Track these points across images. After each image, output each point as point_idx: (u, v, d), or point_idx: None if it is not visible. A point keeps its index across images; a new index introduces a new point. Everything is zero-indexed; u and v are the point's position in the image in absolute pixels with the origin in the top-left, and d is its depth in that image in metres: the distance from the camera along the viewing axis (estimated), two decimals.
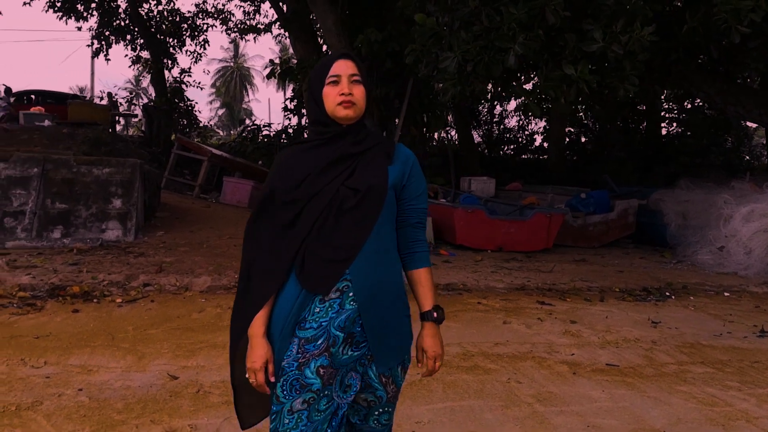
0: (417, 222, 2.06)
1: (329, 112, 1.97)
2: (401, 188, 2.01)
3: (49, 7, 19.82)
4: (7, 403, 3.59)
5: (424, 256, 2.06)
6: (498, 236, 10.08)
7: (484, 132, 24.89)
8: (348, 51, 2.15)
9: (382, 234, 1.94)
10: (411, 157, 2.07)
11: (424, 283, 2.04)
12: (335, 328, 1.87)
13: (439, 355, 2.03)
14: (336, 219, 1.89)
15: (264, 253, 1.93)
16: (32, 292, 5.95)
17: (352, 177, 1.93)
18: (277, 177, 1.99)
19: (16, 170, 8.57)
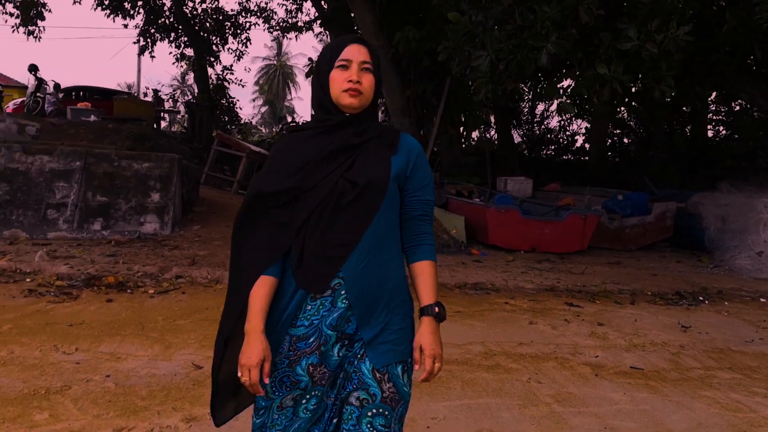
0: (421, 214, 1.92)
1: (333, 97, 1.87)
2: (404, 179, 1.89)
3: (98, 5, 20.33)
4: (38, 386, 3.73)
5: (428, 249, 1.92)
6: (531, 237, 10.02)
7: (525, 132, 24.70)
8: (362, 36, 2.05)
9: (381, 229, 1.82)
10: (416, 147, 1.95)
11: (425, 276, 1.89)
12: (327, 327, 1.79)
13: (438, 355, 1.84)
14: (333, 214, 1.79)
15: (254, 248, 1.83)
16: (69, 281, 6.15)
17: (352, 169, 1.83)
18: (267, 173, 1.89)
19: (59, 163, 8.85)
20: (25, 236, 8.11)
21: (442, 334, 1.90)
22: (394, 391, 1.81)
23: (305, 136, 1.92)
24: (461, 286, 7.05)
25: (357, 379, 1.81)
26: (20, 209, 8.43)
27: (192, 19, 21.70)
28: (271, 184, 1.85)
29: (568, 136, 24.64)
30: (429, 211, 1.95)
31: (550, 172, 19.06)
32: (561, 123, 24.49)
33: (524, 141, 24.44)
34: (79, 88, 21.53)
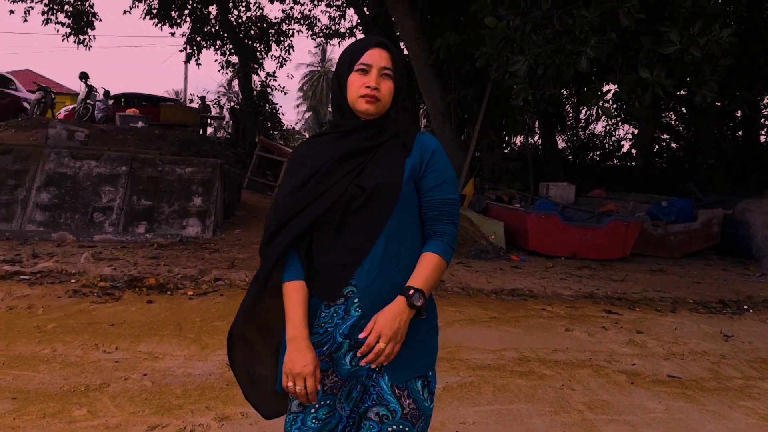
0: (437, 214, 1.81)
1: (350, 102, 1.82)
2: (419, 179, 1.82)
3: (146, 15, 20.86)
4: (78, 383, 3.85)
5: (437, 244, 1.78)
6: (572, 243, 9.90)
7: (569, 137, 24.42)
8: (385, 40, 1.89)
9: (395, 234, 1.76)
10: (431, 145, 1.85)
11: (422, 264, 1.74)
12: (340, 335, 1.73)
13: (387, 336, 1.66)
14: (342, 220, 1.74)
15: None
16: (112, 282, 6.31)
17: (362, 174, 1.78)
18: (286, 180, 1.87)
19: (106, 168, 9.11)
20: (72, 238, 8.36)
21: (477, 339, 1.89)
22: (414, 407, 1.75)
23: (322, 142, 1.88)
24: (498, 292, 7.01)
25: (375, 394, 1.75)
26: (68, 212, 8.70)
27: (237, 27, 22.06)
28: (286, 189, 1.83)
29: (614, 141, 24.27)
30: (447, 211, 1.82)
31: (595, 178, 18.81)
32: (607, 128, 24.15)
33: (569, 146, 24.15)
34: (127, 95, 22.08)
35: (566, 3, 6.76)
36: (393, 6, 13.65)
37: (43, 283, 6.20)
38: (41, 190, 8.80)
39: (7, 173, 8.82)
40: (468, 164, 13.57)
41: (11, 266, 6.58)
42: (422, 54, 13.47)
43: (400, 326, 1.68)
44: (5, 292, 5.78)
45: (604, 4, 6.39)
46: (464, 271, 8.08)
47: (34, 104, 17.62)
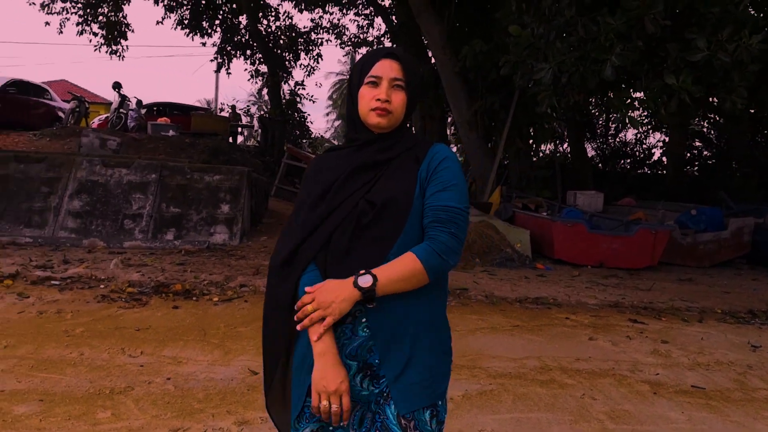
0: (432, 221, 1.67)
1: (361, 115, 1.77)
2: (425, 189, 1.72)
3: (178, 25, 21.22)
4: (103, 386, 3.93)
5: (421, 246, 1.65)
6: (599, 252, 9.82)
7: (599, 145, 24.22)
8: (395, 49, 1.83)
9: (406, 248, 1.66)
10: (440, 153, 1.76)
11: (396, 259, 1.63)
12: (346, 356, 1.65)
13: (318, 302, 1.60)
14: (353, 236, 1.67)
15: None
16: (140, 288, 6.42)
17: (373, 189, 1.71)
18: (300, 195, 1.83)
19: (136, 176, 9.27)
20: (102, 245, 8.52)
21: (499, 347, 1.82)
22: None
23: (337, 156, 1.84)
24: (522, 300, 6.98)
25: (380, 423, 1.66)
26: (99, 219, 8.87)
27: (266, 37, 22.33)
28: (300, 204, 1.79)
29: (645, 149, 24.01)
30: (443, 217, 1.67)
31: (625, 187, 18.63)
32: (637, 136, 23.92)
33: (598, 154, 23.95)
34: (159, 104, 22.47)
35: (591, 10, 6.74)
36: (420, 14, 13.72)
37: (73, 288, 6.33)
38: (73, 198, 8.99)
39: (41, 181, 9.03)
40: (495, 172, 13.55)
41: (43, 272, 6.74)
42: (449, 62, 13.51)
43: (335, 300, 1.59)
44: (36, 297, 5.92)
45: (630, 12, 6.36)
46: (488, 279, 8.06)
47: (69, 113, 18.02)
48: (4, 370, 4.11)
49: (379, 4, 19.91)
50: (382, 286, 1.59)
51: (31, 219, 8.71)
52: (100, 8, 20.32)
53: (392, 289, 1.61)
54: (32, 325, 5.13)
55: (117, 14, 20.71)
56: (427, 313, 1.70)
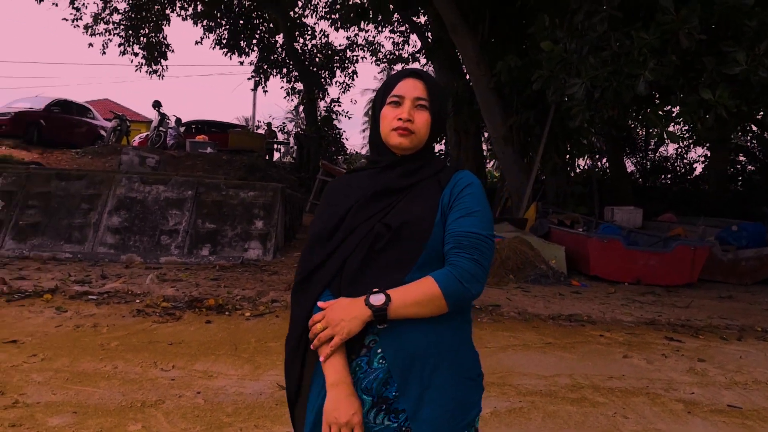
0: (452, 247, 1.58)
1: (383, 136, 1.71)
2: (447, 215, 1.64)
3: (216, 44, 21.65)
4: (135, 399, 3.99)
5: (441, 271, 1.56)
6: (636, 268, 9.65)
7: (639, 160, 23.90)
8: (419, 69, 1.78)
9: (422, 276, 1.56)
10: (464, 179, 1.68)
11: (411, 284, 1.55)
12: (362, 391, 1.55)
13: (327, 320, 1.55)
14: (366, 261, 1.59)
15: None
16: (174, 303, 6.52)
17: (391, 212, 1.63)
18: (317, 215, 1.76)
19: (173, 192, 9.45)
20: (139, 260, 8.68)
21: (530, 364, 1.74)
22: None
23: (357, 178, 1.77)
24: (555, 318, 6.90)
25: None
26: (137, 235, 9.05)
27: (302, 55, 22.62)
28: (317, 228, 1.71)
29: (686, 164, 23.61)
30: (464, 243, 1.57)
31: (666, 202, 18.33)
32: (678, 150, 23.55)
33: (638, 169, 23.63)
34: (198, 122, 22.89)
35: (624, 25, 6.68)
36: (454, 31, 13.76)
37: (110, 303, 6.46)
38: (112, 214, 9.19)
39: (81, 198, 9.26)
40: (531, 188, 13.46)
41: (81, 286, 6.89)
42: (483, 77, 13.51)
43: (345, 318, 1.52)
44: (74, 311, 6.06)
45: (664, 26, 6.29)
46: (522, 296, 7.99)
47: (110, 132, 18.48)
48: (40, 383, 4.21)
49: (415, 22, 20.03)
50: (396, 308, 1.51)
51: (72, 235, 8.93)
52: (141, 29, 20.85)
53: (406, 313, 1.52)
54: (69, 338, 5.24)
55: (157, 35, 21.22)
56: (449, 340, 1.59)
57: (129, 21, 20.56)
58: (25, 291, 6.68)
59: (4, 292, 6.57)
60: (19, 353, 4.80)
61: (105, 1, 20.12)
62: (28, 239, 8.83)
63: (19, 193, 9.21)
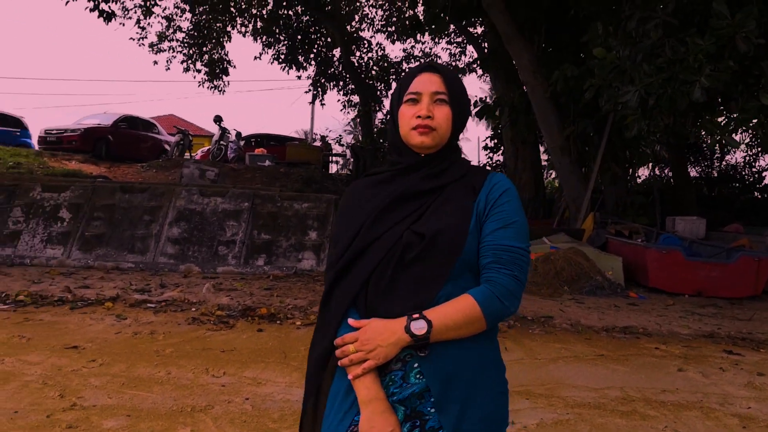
0: (491, 261, 1.50)
1: (403, 136, 1.62)
2: (483, 224, 1.55)
3: (275, 59, 22.10)
4: (185, 404, 4.12)
5: (480, 290, 1.49)
6: (696, 280, 9.37)
7: (704, 168, 23.20)
8: (435, 63, 1.70)
9: (458, 291, 1.50)
10: (499, 186, 1.60)
11: (451, 301, 1.48)
12: (396, 402, 1.48)
13: (362, 343, 1.46)
14: (396, 272, 1.50)
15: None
16: (228, 311, 6.68)
17: (421, 219, 1.54)
18: (337, 222, 1.69)
19: (230, 204, 9.68)
20: (197, 270, 8.92)
21: (580, 376, 1.65)
22: None
23: (377, 181, 1.68)
24: (609, 330, 6.76)
25: None
26: (195, 246, 9.31)
27: (358, 68, 22.86)
28: (339, 236, 1.64)
29: (755, 172, 22.78)
30: (505, 258, 1.50)
31: (733, 212, 17.74)
32: (746, 158, 22.76)
33: (703, 178, 22.93)
34: (257, 136, 23.41)
35: (679, 31, 6.55)
36: (509, 41, 13.70)
37: (167, 311, 6.67)
38: (172, 225, 9.49)
39: (143, 210, 9.59)
40: (588, 198, 13.25)
41: (140, 295, 7.14)
42: (539, 87, 13.40)
43: (381, 344, 1.45)
44: (133, 319, 6.28)
45: (719, 31, 6.14)
46: (576, 307, 7.86)
47: (174, 146, 19.06)
48: (97, 387, 4.38)
49: (471, 32, 20.01)
50: (437, 334, 1.44)
51: (134, 245, 9.25)
52: (204, 47, 21.47)
53: (446, 337, 1.45)
54: (127, 345, 5.44)
55: (219, 51, 21.82)
56: (485, 354, 1.54)
57: (192, 39, 21.21)
58: (88, 299, 6.97)
59: (69, 300, 6.85)
60: (80, 358, 5.00)
61: (169, 20, 20.83)
62: (93, 249, 9.19)
63: (86, 206, 9.61)
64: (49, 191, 9.89)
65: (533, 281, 8.75)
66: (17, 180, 10.36)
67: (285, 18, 21.60)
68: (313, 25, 22.16)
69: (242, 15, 21.51)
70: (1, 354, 5.00)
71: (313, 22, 21.93)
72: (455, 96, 1.61)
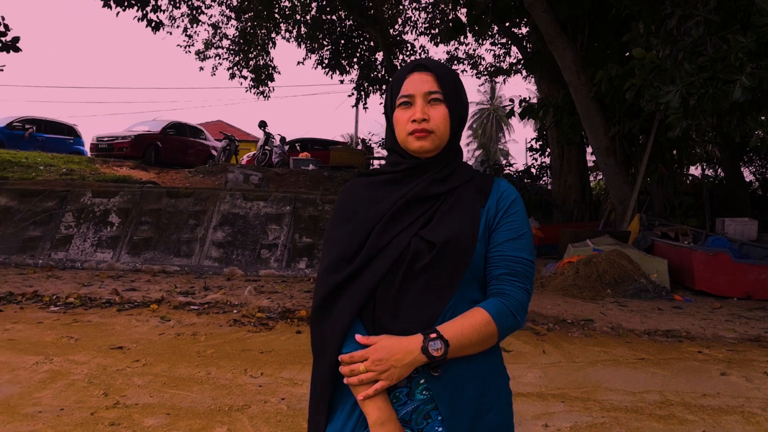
0: (505, 273, 1.46)
1: (400, 142, 1.54)
2: (491, 233, 1.50)
3: (318, 64, 22.32)
4: (223, 403, 4.23)
5: (494, 303, 1.44)
6: (746, 282, 9.14)
7: (757, 168, 22.56)
8: (426, 60, 1.58)
9: (466, 302, 1.45)
10: (508, 194, 1.54)
11: (465, 316, 1.42)
12: (402, 420, 1.42)
13: (373, 362, 1.38)
14: (404, 283, 1.42)
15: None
16: (268, 313, 6.81)
17: (429, 226, 1.47)
18: (332, 226, 1.59)
19: (272, 208, 9.85)
20: (240, 273, 9.10)
21: (618, 380, 1.59)
22: None
23: (377, 183, 1.59)
24: (651, 333, 6.66)
25: None
26: (239, 249, 9.49)
27: None
28: (337, 240, 1.53)
29: None
30: (519, 271, 1.47)
31: None
32: None
33: (758, 178, 22.30)
34: (301, 140, 23.68)
35: (720, 28, 6.42)
36: (552, 41, 13.57)
37: (209, 313, 6.83)
38: (217, 229, 9.70)
39: (189, 214, 9.83)
40: (635, 200, 13.03)
41: (184, 297, 7.33)
42: (583, 87, 13.24)
43: (395, 365, 1.37)
44: (176, 321, 6.45)
45: (762, 28, 6.00)
46: (617, 310, 7.76)
47: (221, 152, 19.45)
48: (140, 386, 4.53)
49: (514, 33, 19.89)
50: (453, 353, 1.38)
51: (180, 249, 9.49)
52: (249, 53, 21.85)
53: (460, 354, 1.40)
54: (169, 345, 5.60)
55: (264, 58, 22.17)
56: (492, 366, 1.49)
57: (237, 46, 21.60)
58: (134, 301, 7.18)
59: (116, 303, 7.08)
60: (124, 358, 5.18)
61: (215, 28, 21.26)
62: (140, 253, 9.46)
63: (134, 211, 9.90)
64: (99, 197, 10.22)
65: (575, 284, 8.66)
66: (69, 186, 10.73)
67: (328, 23, 21.81)
68: (356, 30, 22.31)
69: (286, 21, 21.79)
70: (50, 354, 5.21)
71: (356, 27, 22.09)
72: (450, 93, 1.53)
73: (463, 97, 1.59)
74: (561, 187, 17.08)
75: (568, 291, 8.51)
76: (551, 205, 16.94)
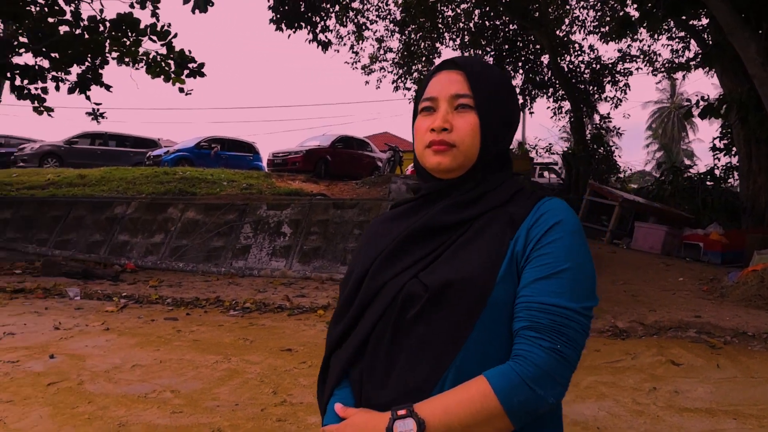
0: (525, 327, 1.06)
1: (418, 156, 1.25)
2: (522, 271, 1.11)
3: None
4: None
5: (501, 370, 1.04)
6: None
7: None
8: (460, 57, 1.26)
9: (477, 362, 1.08)
10: (549, 216, 1.14)
11: (458, 389, 1.04)
12: None
13: None
14: (395, 336, 1.13)
15: None
16: None
17: (433, 264, 1.14)
18: (351, 263, 1.33)
19: None
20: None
21: None
22: None
23: (396, 214, 1.30)
24: None
25: None
26: None
27: (568, 73, 22.26)
28: (342, 287, 1.30)
29: None
30: (543, 324, 1.05)
31: None
32: None
33: None
34: None
35: None
36: (732, 32, 12.55)
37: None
38: None
39: (353, 224, 10.25)
40: None
41: None
42: None
43: None
44: None
45: None
46: None
47: (385, 163, 19.94)
48: (305, 386, 4.78)
49: (692, 26, 18.62)
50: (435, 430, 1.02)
51: (346, 258, 9.87)
52: (413, 65, 22.29)
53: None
54: None
55: (428, 68, 22.49)
56: None
57: (402, 59, 22.11)
58: (303, 307, 7.59)
59: (287, 308, 7.52)
60: (292, 360, 5.48)
61: (380, 42, 21.91)
62: (310, 262, 9.95)
63: (304, 221, 10.45)
64: (273, 209, 10.91)
65: (759, 294, 7.90)
66: (247, 199, 11.55)
67: (492, 29, 21.69)
68: (520, 33, 21.99)
69: (449, 30, 21.96)
70: (228, 354, 5.64)
71: (520, 30, 21.78)
72: (485, 98, 1.20)
73: (508, 102, 1.24)
74: (749, 188, 15.70)
75: (751, 302, 7.79)
76: (739, 209, 15.65)
